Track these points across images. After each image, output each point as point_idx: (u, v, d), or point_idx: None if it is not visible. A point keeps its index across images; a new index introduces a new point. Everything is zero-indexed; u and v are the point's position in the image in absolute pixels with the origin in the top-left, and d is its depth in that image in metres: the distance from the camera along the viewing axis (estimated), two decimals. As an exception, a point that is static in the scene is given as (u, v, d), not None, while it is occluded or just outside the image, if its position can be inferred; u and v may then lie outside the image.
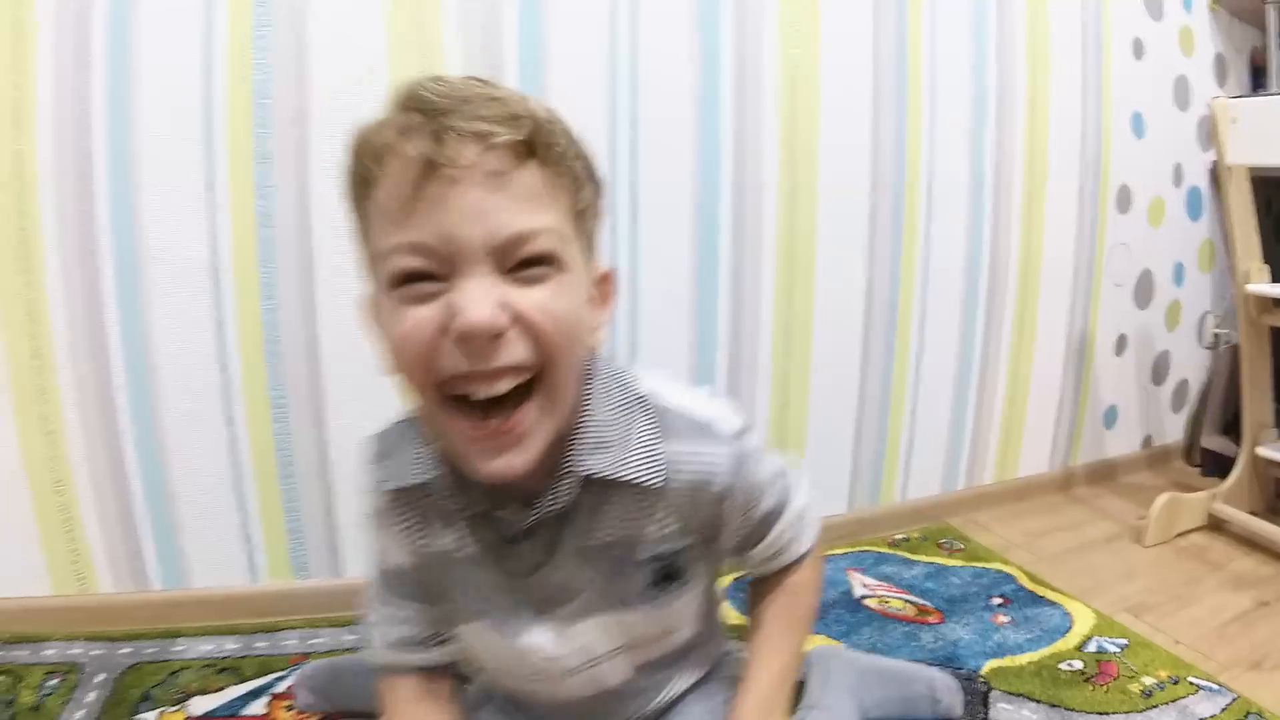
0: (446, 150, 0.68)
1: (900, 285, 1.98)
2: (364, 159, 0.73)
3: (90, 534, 1.55)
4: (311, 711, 1.33)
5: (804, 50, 1.78)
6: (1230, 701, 1.37)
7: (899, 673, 1.32)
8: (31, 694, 1.35)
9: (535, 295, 0.72)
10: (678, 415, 0.88)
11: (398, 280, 0.72)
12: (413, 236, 0.70)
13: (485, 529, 0.87)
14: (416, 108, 0.70)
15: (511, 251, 0.71)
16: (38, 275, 1.42)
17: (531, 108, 0.72)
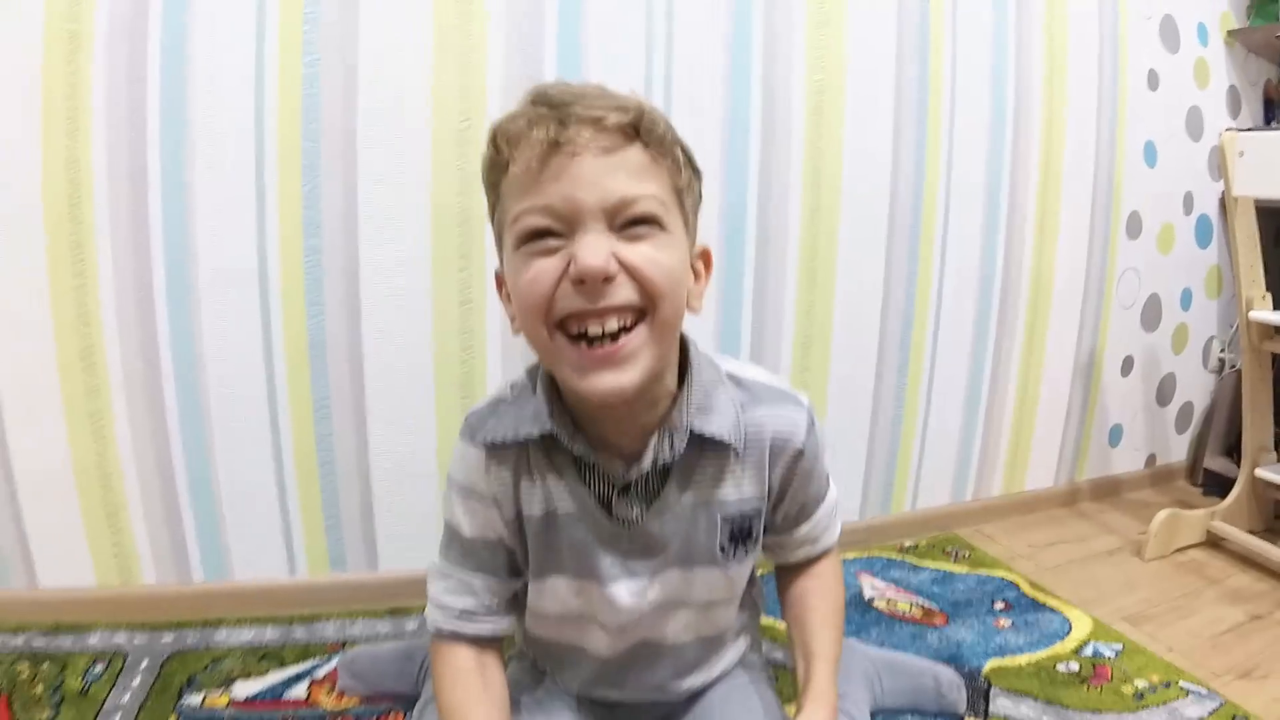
0: (568, 132, 0.80)
1: (915, 302, 2.03)
2: (500, 145, 0.85)
3: (135, 527, 1.60)
4: (352, 694, 1.41)
5: (829, 76, 1.83)
6: (1218, 706, 1.43)
7: (908, 666, 1.40)
8: (77, 680, 1.40)
9: (640, 249, 0.83)
10: (759, 385, 1.02)
11: (526, 237, 0.84)
12: (540, 200, 0.82)
13: (590, 482, 0.97)
14: (544, 102, 0.83)
15: (620, 212, 0.83)
16: (90, 277, 1.48)
17: (637, 101, 0.85)
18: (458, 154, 1.59)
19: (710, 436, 0.95)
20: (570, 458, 0.96)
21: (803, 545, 1.11)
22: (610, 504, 0.97)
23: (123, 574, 1.62)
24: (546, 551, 1.00)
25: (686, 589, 1.03)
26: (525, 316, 0.86)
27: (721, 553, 1.01)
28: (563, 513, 0.98)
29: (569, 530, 0.98)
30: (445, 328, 1.66)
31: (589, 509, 0.97)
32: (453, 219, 1.62)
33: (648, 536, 0.98)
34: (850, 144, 1.88)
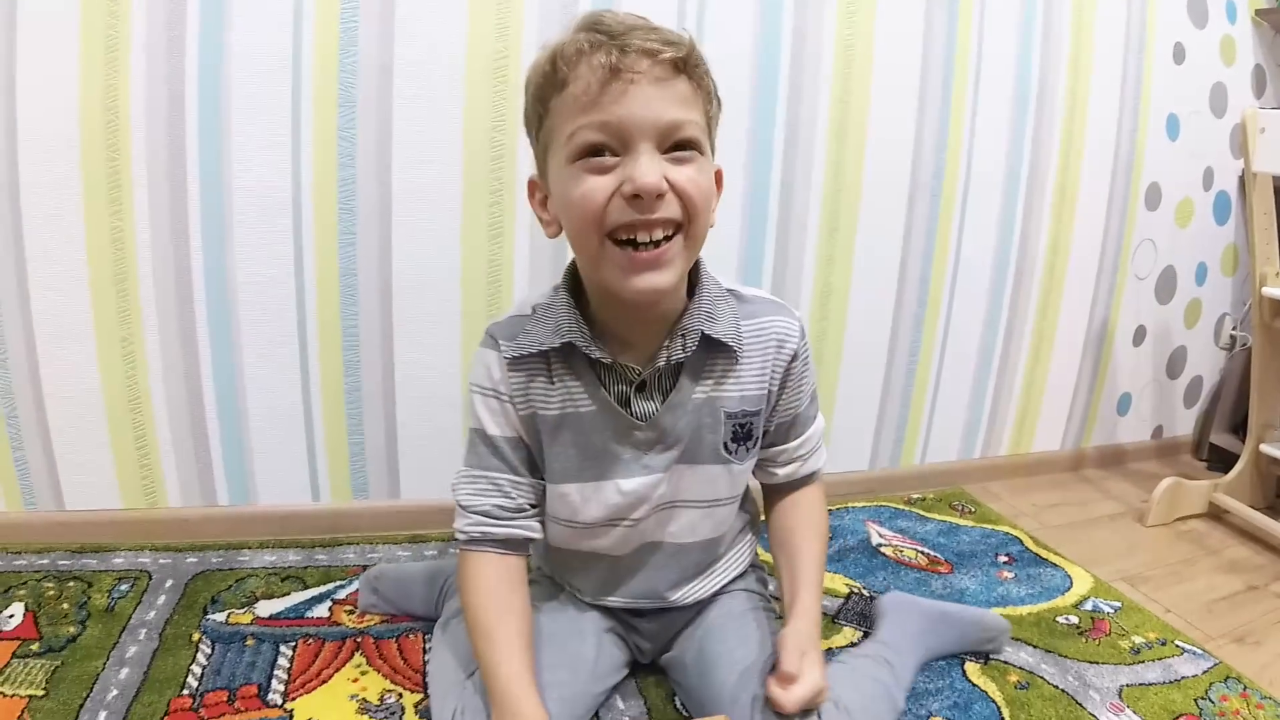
0: (627, 59, 0.89)
1: (933, 262, 2.06)
2: (559, 64, 0.92)
3: (163, 451, 1.64)
4: (373, 611, 1.46)
5: (858, 31, 1.84)
6: (1212, 665, 1.46)
7: (959, 616, 1.46)
8: (103, 597, 1.44)
9: (685, 171, 0.94)
10: (757, 298, 1.15)
11: (582, 152, 0.92)
12: (599, 118, 0.90)
13: (610, 382, 1.07)
14: (601, 31, 0.91)
15: (670, 135, 0.92)
16: (126, 204, 1.50)
17: (687, 38, 0.93)
18: (492, 90, 1.62)
19: (717, 338, 1.06)
20: (588, 362, 1.06)
21: (791, 461, 1.21)
22: (628, 402, 1.08)
23: (149, 497, 1.66)
24: (566, 449, 1.09)
25: (693, 486, 1.14)
26: (577, 225, 0.95)
27: (726, 450, 1.13)
28: (583, 411, 1.07)
29: (586, 427, 1.08)
30: (473, 260, 1.69)
31: (607, 406, 1.07)
32: (485, 154, 1.64)
33: (661, 430, 1.08)
34: (876, 104, 1.90)
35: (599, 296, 1.05)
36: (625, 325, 1.06)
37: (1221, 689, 1.40)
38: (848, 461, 2.13)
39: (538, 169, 1.03)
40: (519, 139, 1.64)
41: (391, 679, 1.27)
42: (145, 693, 1.20)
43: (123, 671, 1.25)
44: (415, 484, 1.78)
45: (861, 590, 1.62)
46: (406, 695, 1.23)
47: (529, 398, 1.08)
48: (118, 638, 1.33)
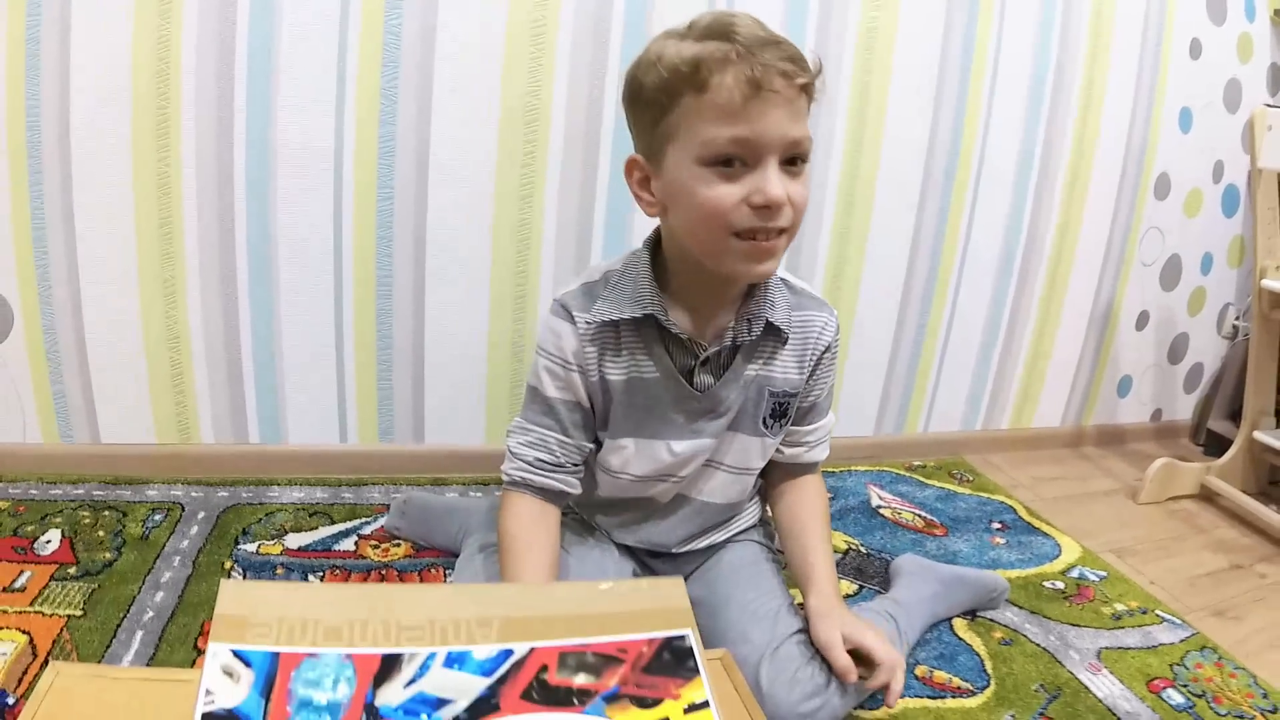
0: (769, 78, 0.95)
1: (944, 239, 2.11)
2: (700, 67, 0.97)
3: (198, 390, 1.71)
4: (397, 534, 1.56)
5: (884, 12, 1.88)
6: (1190, 635, 1.53)
7: (972, 579, 1.56)
8: (138, 526, 1.51)
9: (798, 186, 1.01)
10: (804, 291, 1.23)
11: (714, 160, 0.99)
12: (739, 132, 0.97)
13: (676, 353, 1.15)
14: (740, 41, 0.96)
15: (790, 151, 0.99)
16: (174, 150, 1.56)
17: (812, 60, 1.00)
18: (529, 57, 1.67)
19: (775, 324, 1.15)
20: (658, 334, 1.14)
21: (799, 445, 1.29)
22: (690, 373, 1.15)
23: (182, 433, 1.73)
24: (626, 409, 1.18)
25: (732, 452, 1.24)
26: (705, 221, 1.02)
27: (764, 425, 1.22)
28: (647, 377, 1.15)
29: (649, 392, 1.16)
30: (504, 220, 1.75)
31: (671, 375, 1.15)
32: (519, 119, 1.70)
33: (715, 400, 1.17)
34: (895, 86, 1.94)
35: (687, 275, 1.12)
36: (704, 302, 1.14)
37: (1197, 657, 1.47)
38: (853, 426, 2.18)
39: (644, 152, 1.08)
40: (552, 103, 1.70)
41: (414, 609, 1.35)
42: (180, 615, 1.27)
43: (157, 595, 1.32)
44: (439, 429, 1.84)
45: (859, 547, 1.70)
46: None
47: (601, 365, 1.15)
48: (152, 564, 1.40)
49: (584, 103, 1.72)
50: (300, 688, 0.66)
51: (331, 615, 0.72)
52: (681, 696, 0.74)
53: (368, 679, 0.67)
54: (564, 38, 1.67)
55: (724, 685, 0.97)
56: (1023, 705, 1.29)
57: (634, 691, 0.73)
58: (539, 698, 0.70)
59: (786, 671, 1.10)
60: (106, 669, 1.07)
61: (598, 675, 0.74)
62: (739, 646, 1.14)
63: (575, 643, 0.76)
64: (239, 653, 0.66)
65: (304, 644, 0.69)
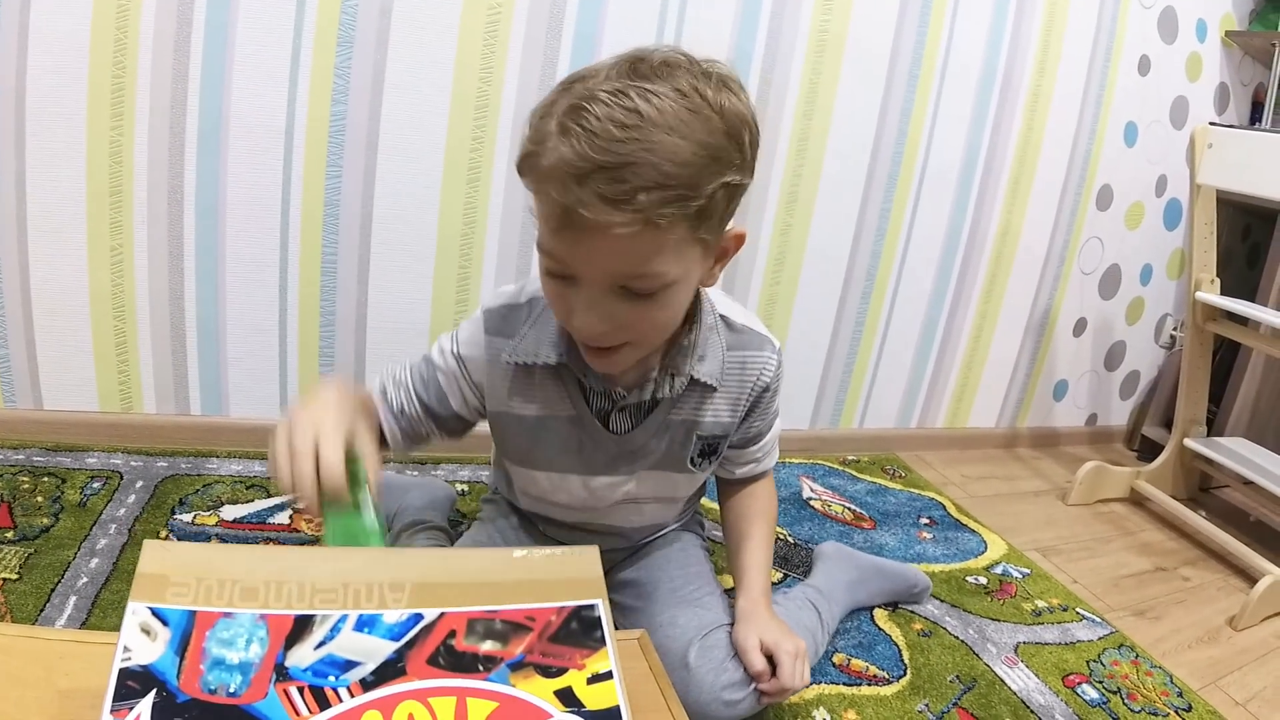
0: (580, 212, 0.77)
1: (885, 238, 2.14)
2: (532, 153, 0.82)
3: (142, 360, 1.70)
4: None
5: (835, 19, 1.91)
6: (1108, 633, 1.59)
7: (892, 570, 1.59)
8: (76, 493, 1.51)
9: (639, 309, 0.87)
10: (745, 329, 1.14)
11: (542, 251, 0.87)
12: (554, 248, 0.85)
13: (593, 397, 1.09)
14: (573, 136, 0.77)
15: (617, 282, 0.85)
16: (128, 120, 1.55)
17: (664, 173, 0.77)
18: (483, 44, 1.68)
19: (702, 380, 1.08)
20: (575, 376, 1.07)
21: (748, 464, 1.28)
22: (606, 417, 1.10)
23: (125, 402, 1.72)
24: (536, 444, 1.14)
25: (656, 487, 1.21)
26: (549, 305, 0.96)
27: (692, 464, 1.18)
28: (562, 416, 1.10)
29: (563, 432, 1.11)
30: (451, 202, 1.76)
31: (586, 420, 1.10)
32: (470, 104, 1.71)
33: (634, 445, 1.13)
34: (844, 87, 1.97)
35: None
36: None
37: (1114, 655, 1.52)
38: (788, 420, 2.21)
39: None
40: (503, 91, 1.71)
41: (345, 581, 1.36)
42: (114, 581, 1.29)
43: (93, 561, 1.33)
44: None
45: (788, 537, 1.73)
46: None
47: (509, 400, 1.10)
48: (89, 531, 1.40)
49: (534, 89, 1.73)
50: (214, 646, 0.67)
51: (248, 577, 0.72)
52: (586, 667, 0.75)
53: (280, 640, 0.68)
54: (518, 27, 1.70)
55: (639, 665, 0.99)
56: (937, 695, 1.33)
57: (539, 660, 0.74)
58: (445, 663, 0.71)
59: (714, 659, 1.13)
60: (39, 630, 1.09)
61: (504, 643, 0.74)
62: (668, 629, 1.17)
63: (484, 609, 0.77)
64: (157, 611, 0.67)
65: (220, 604, 0.70)
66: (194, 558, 0.75)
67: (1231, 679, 1.54)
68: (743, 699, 1.11)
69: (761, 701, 1.13)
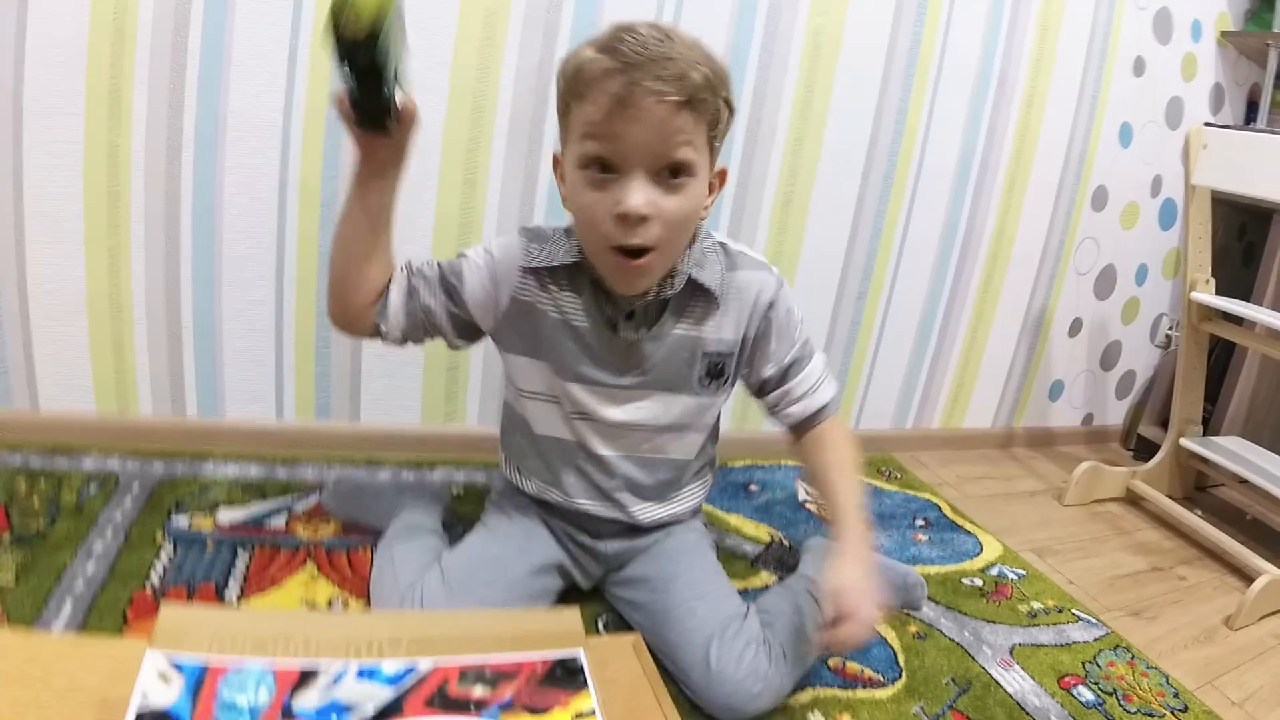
0: (634, 96, 1.00)
1: (880, 240, 2.15)
2: (581, 79, 1.05)
3: (139, 362, 1.70)
4: (331, 515, 1.57)
5: (831, 18, 1.92)
6: (1104, 634, 1.58)
7: (888, 567, 1.57)
8: (73, 496, 1.50)
9: (672, 199, 1.07)
10: (742, 255, 1.28)
11: (586, 163, 1.07)
12: (603, 145, 1.05)
13: (604, 305, 1.22)
14: (621, 57, 1.01)
15: (659, 164, 1.05)
16: (125, 120, 1.55)
17: (696, 71, 1.03)
18: (481, 45, 1.69)
19: (702, 284, 1.20)
20: (589, 282, 1.21)
21: (798, 400, 1.31)
22: (616, 325, 1.22)
23: (121, 404, 1.72)
24: (549, 347, 1.25)
25: (664, 410, 1.29)
26: (581, 226, 1.14)
27: (699, 383, 1.28)
28: (576, 324, 1.23)
29: (578, 339, 1.23)
30: (447, 205, 1.76)
31: (599, 325, 1.22)
32: (467, 106, 1.71)
33: (641, 355, 1.24)
34: (840, 84, 1.97)
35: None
36: None
37: (1110, 656, 1.51)
38: (783, 421, 2.21)
39: (561, 146, 1.17)
40: (499, 93, 1.72)
41: (340, 586, 1.37)
42: (110, 585, 1.28)
43: (89, 565, 1.32)
44: (375, 409, 1.85)
45: (782, 540, 1.73)
46: (352, 601, 1.33)
47: (528, 294, 1.23)
48: (85, 534, 1.40)
49: (530, 91, 1.74)
50: (226, 692, 0.74)
51: (257, 633, 0.81)
52: (570, 705, 0.83)
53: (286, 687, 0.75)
54: (515, 26, 1.70)
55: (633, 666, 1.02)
56: (932, 697, 1.32)
57: (527, 701, 0.82)
58: (440, 706, 0.79)
59: (734, 650, 1.16)
60: (36, 634, 1.11)
61: (494, 687, 0.83)
62: (686, 621, 1.21)
63: (476, 659, 0.86)
64: (173, 660, 0.75)
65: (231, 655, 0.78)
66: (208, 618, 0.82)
67: (1228, 678, 1.54)
68: (764, 690, 1.15)
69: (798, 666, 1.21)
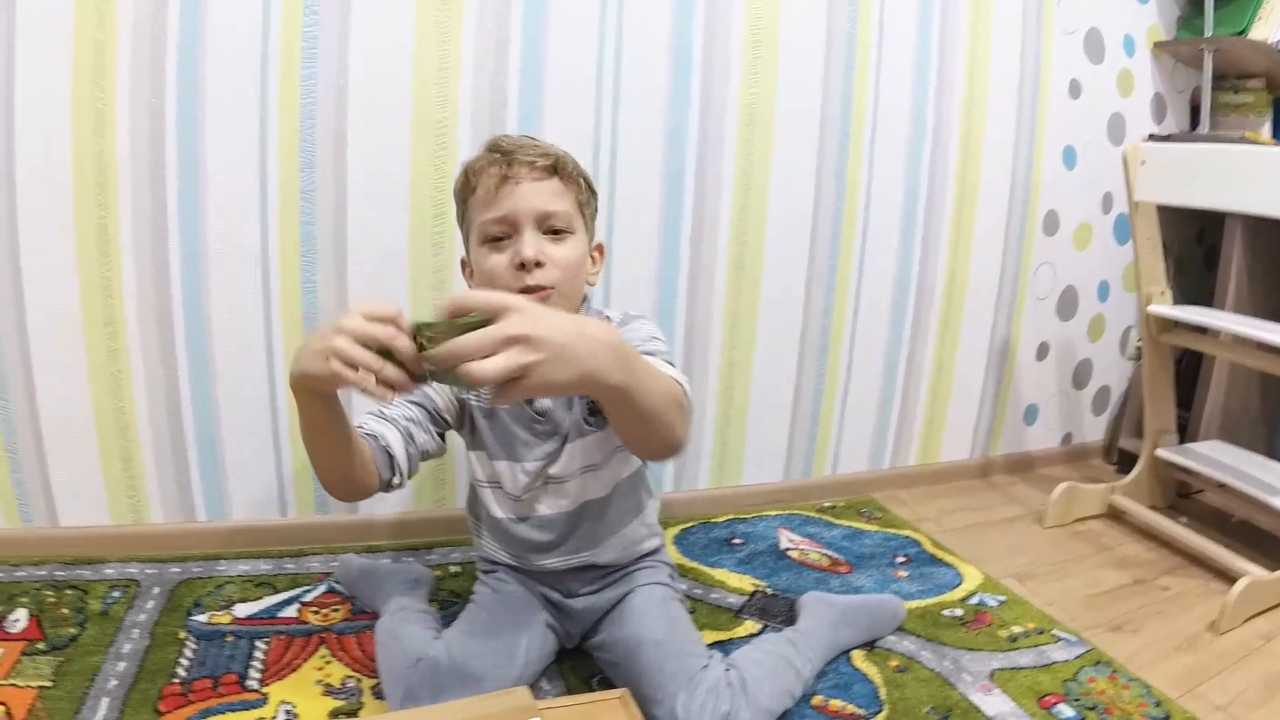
0: (513, 170, 1.27)
1: (835, 294, 2.21)
2: (470, 176, 1.32)
3: (147, 474, 1.80)
4: (343, 588, 1.70)
5: (761, 89, 2.01)
6: (1084, 651, 1.63)
7: (871, 604, 1.68)
8: (98, 603, 1.59)
9: (559, 248, 1.30)
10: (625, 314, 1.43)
11: (487, 239, 1.30)
12: (497, 214, 1.28)
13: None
14: (498, 150, 1.30)
15: (545, 219, 1.29)
16: (113, 254, 1.67)
17: (557, 152, 1.33)
18: (436, 113, 1.79)
19: None
20: None
21: None
22: (531, 400, 1.37)
23: (135, 514, 1.81)
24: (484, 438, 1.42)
25: (585, 453, 1.41)
26: (487, 288, 1.26)
27: (587, 424, 1.39)
28: (499, 409, 1.40)
29: (499, 422, 1.41)
30: (420, 281, 1.86)
31: (518, 404, 1.38)
32: (429, 187, 1.82)
33: (554, 420, 1.39)
34: (779, 155, 2.06)
35: None
36: None
37: (1090, 671, 1.56)
38: (762, 473, 2.28)
39: (465, 249, 1.40)
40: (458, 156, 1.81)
41: (351, 667, 1.46)
42: (140, 681, 1.37)
43: (119, 665, 1.42)
44: (371, 500, 1.88)
45: (765, 589, 1.80)
46: (364, 680, 1.42)
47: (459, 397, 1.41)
48: (113, 637, 1.49)
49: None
50: None
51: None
52: None
53: None
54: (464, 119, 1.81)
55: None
56: (912, 728, 1.38)
57: None
58: None
59: (697, 699, 1.25)
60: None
61: None
62: (656, 677, 1.30)
63: None
64: None
65: None
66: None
67: (1211, 684, 1.56)
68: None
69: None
